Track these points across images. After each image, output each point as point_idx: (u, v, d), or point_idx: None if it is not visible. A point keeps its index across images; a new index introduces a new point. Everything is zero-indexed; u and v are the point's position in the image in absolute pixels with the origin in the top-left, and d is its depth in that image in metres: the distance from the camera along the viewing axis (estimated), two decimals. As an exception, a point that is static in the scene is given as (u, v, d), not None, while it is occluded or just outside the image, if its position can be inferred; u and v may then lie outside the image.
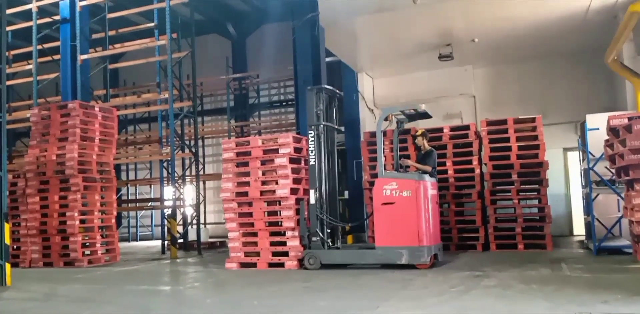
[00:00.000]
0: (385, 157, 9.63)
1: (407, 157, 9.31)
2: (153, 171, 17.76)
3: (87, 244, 9.30)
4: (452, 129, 9.89)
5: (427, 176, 7.22)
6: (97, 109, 9.86)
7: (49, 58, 12.60)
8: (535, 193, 9.27)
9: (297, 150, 8.01)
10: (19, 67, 13.14)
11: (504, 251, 8.86)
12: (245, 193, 7.93)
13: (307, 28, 10.56)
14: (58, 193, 9.18)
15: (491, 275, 6.12)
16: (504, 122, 9.50)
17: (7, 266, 6.78)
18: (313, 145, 7.42)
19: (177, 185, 11.22)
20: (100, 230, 9.53)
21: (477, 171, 9.50)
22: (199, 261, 9.62)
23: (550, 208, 9.08)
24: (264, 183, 7.88)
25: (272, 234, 7.81)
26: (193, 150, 12.00)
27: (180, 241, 11.01)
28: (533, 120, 9.39)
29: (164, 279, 7.30)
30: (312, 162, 7.41)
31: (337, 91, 8.08)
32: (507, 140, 9.37)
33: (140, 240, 17.70)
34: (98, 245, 9.44)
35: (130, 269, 8.49)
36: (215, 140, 17.82)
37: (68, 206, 9.10)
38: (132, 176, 18.34)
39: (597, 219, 8.12)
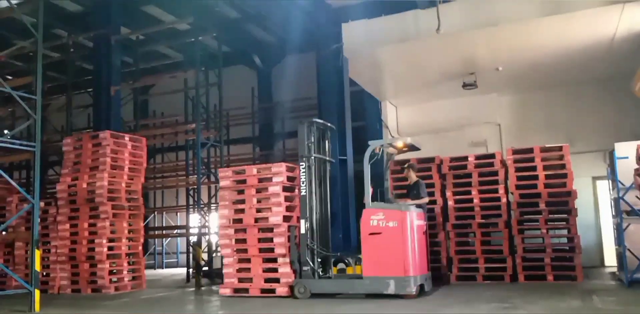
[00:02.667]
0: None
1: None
2: (180, 199, 17.97)
3: (115, 271, 9.41)
4: (478, 157, 9.83)
5: (413, 207, 7.33)
6: (127, 139, 10.13)
7: (82, 90, 13.08)
8: (564, 222, 9.07)
9: (290, 178, 8.19)
10: (55, 99, 13.65)
11: (532, 282, 8.63)
12: (240, 220, 8.09)
13: (331, 58, 10.79)
14: (88, 221, 9.37)
15: (520, 307, 5.96)
16: (531, 150, 9.40)
17: (37, 292, 6.91)
18: (304, 176, 7.60)
19: (202, 212, 11.34)
20: (127, 257, 9.64)
21: (504, 200, 9.37)
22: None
23: (580, 238, 8.86)
24: (258, 210, 8.04)
25: (265, 260, 7.91)
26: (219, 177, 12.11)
27: (205, 268, 11.05)
28: (560, 148, 9.28)
29: (188, 307, 7.31)
30: (303, 193, 7.60)
31: (329, 124, 8.34)
32: (534, 168, 9.24)
33: (166, 267, 17.77)
34: (125, 272, 9.54)
35: (156, 297, 8.54)
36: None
37: (97, 234, 9.28)
38: (159, 204, 18.58)
39: (629, 250, 7.88)
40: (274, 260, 7.86)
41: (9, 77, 12.79)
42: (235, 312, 6.59)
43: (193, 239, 11.74)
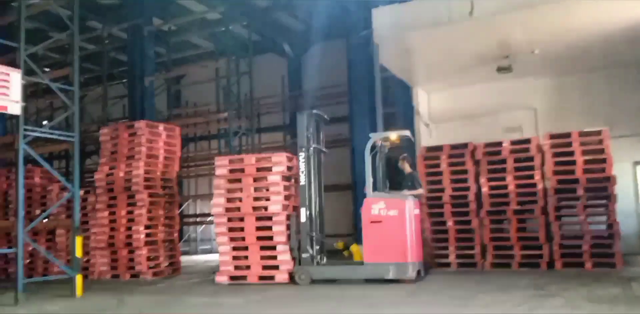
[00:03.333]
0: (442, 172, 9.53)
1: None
2: (212, 186, 18.24)
3: (152, 257, 9.65)
4: (513, 143, 9.62)
5: (410, 197, 7.58)
6: (161, 128, 10.31)
7: (117, 81, 13.35)
8: (603, 209, 8.82)
9: (289, 168, 8.27)
10: (91, 90, 13.98)
11: (570, 270, 8.45)
12: (236, 209, 8.16)
13: (361, 45, 10.70)
14: (125, 208, 9.62)
15: (557, 294, 5.85)
16: (568, 135, 9.14)
17: (78, 277, 7.15)
18: (304, 166, 7.76)
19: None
20: (164, 244, 9.88)
21: (540, 186, 9.16)
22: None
23: (619, 225, 8.60)
24: (255, 199, 8.09)
25: (263, 248, 7.98)
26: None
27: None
28: (599, 132, 8.99)
29: (223, 292, 7.43)
30: (302, 182, 7.75)
31: (324, 115, 8.44)
32: (572, 153, 8.99)
33: (201, 253, 18.13)
34: (162, 258, 9.78)
35: (191, 282, 8.73)
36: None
37: (134, 221, 9.52)
38: (193, 191, 18.92)
39: (672, 236, 7.61)
40: (272, 248, 7.94)
41: (47, 69, 13.13)
42: (268, 297, 6.69)
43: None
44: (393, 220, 7.15)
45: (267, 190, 8.09)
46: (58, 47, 13.10)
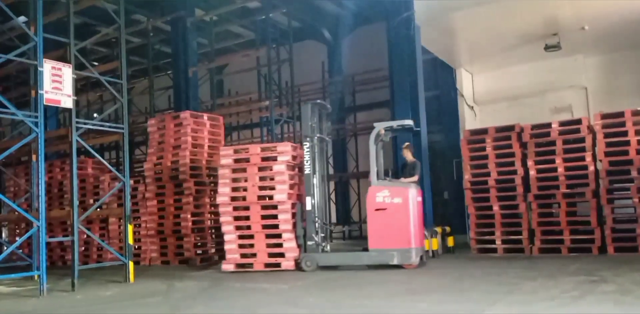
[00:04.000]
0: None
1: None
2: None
3: (199, 244, 9.94)
4: (562, 124, 9.27)
5: (413, 185, 7.76)
6: (205, 118, 10.52)
7: (162, 72, 13.66)
8: (660, 191, 8.41)
9: (294, 157, 8.32)
10: (137, 82, 14.38)
11: (623, 255, 8.14)
12: (241, 198, 8.23)
13: (402, 27, 10.50)
14: (173, 197, 9.92)
15: (609, 280, 5.66)
16: (621, 114, 8.72)
17: (131, 264, 7.46)
18: (308, 155, 7.87)
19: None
20: (210, 231, 10.14)
21: (591, 168, 8.82)
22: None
23: (679, 208, 8.20)
24: (261, 188, 8.17)
25: (268, 236, 8.08)
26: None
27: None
28: (654, 111, 8.54)
29: (268, 278, 7.59)
30: (307, 171, 7.86)
31: (328, 105, 8.60)
32: (625, 134, 8.59)
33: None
34: (209, 245, 10.05)
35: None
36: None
37: (182, 209, 9.81)
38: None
39: None
40: (278, 236, 8.03)
41: (96, 63, 13.60)
42: (311, 282, 6.78)
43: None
44: (397, 207, 7.33)
45: (272, 179, 8.21)
46: (105, 41, 13.51)
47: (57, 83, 6.85)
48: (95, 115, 14.82)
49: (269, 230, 8.10)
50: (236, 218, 8.29)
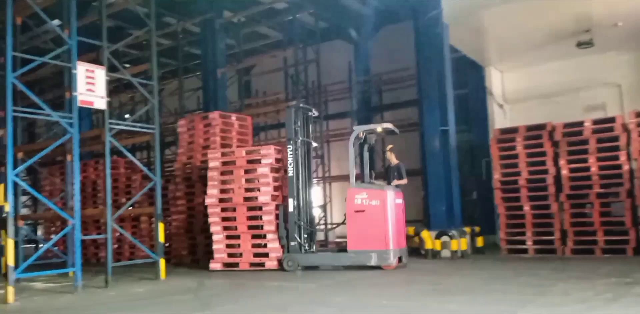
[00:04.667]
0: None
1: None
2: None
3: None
4: (595, 122, 9.08)
5: (392, 187, 7.90)
6: (234, 118, 10.64)
7: (191, 74, 13.86)
8: (699, 191, 8.13)
9: (278, 160, 8.52)
10: (167, 84, 14.63)
11: (661, 257, 7.91)
12: (229, 199, 8.44)
13: (430, 26, 10.42)
14: (202, 196, 10.03)
15: (645, 283, 5.51)
16: (657, 112, 8.48)
17: (162, 261, 7.61)
18: (292, 158, 8.02)
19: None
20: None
21: (626, 167, 8.60)
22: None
23: None
24: (247, 190, 8.40)
25: (253, 237, 8.30)
26: (319, 153, 12.38)
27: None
28: (693, 108, 8.27)
29: (295, 277, 7.63)
30: (290, 173, 8.01)
31: (312, 108, 8.69)
32: (662, 132, 8.35)
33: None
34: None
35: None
36: (340, 142, 18.16)
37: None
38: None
39: None
40: (263, 236, 8.26)
41: (127, 65, 13.89)
42: (338, 281, 6.79)
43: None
44: (375, 210, 7.44)
45: (258, 181, 8.40)
46: (136, 43, 13.78)
47: (91, 85, 7.03)
48: (126, 115, 15.12)
49: (254, 231, 8.35)
50: (224, 219, 8.54)
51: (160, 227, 7.78)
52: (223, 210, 8.54)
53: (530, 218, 9.13)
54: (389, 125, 8.19)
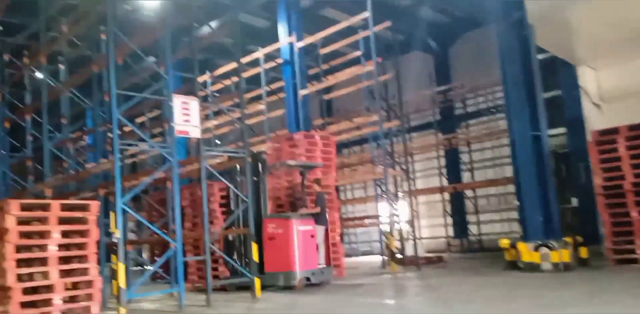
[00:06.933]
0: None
1: None
2: (367, 189, 18.60)
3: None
4: None
5: (298, 216, 8.65)
6: (317, 138, 10.86)
7: (275, 97, 14.38)
8: None
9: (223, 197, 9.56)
10: (253, 108, 15.26)
11: None
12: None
13: (514, 29, 10.08)
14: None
15: None
16: None
17: (257, 280, 7.85)
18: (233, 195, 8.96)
19: (390, 201, 11.61)
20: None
21: None
22: (418, 275, 9.74)
23: None
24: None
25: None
26: (403, 167, 12.31)
27: (399, 256, 11.34)
28: None
29: (389, 293, 7.58)
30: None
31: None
32: None
33: (362, 255, 18.51)
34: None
35: (356, 283, 9.02)
36: (424, 155, 17.94)
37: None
38: (349, 195, 19.49)
39: None
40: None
41: (216, 94, 14.70)
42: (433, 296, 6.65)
43: (384, 227, 12.06)
44: (282, 237, 8.40)
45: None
46: (223, 72, 14.59)
47: (186, 115, 7.52)
48: (217, 141, 15.90)
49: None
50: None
51: (254, 247, 8.06)
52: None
53: (639, 225, 8.42)
54: (318, 164, 9.47)
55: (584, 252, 9.14)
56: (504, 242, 9.18)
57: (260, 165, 8.91)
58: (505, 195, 16.47)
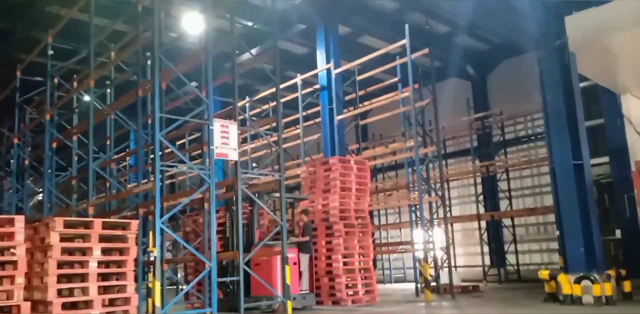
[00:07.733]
0: None
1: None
2: (402, 215, 18.39)
3: (350, 285, 10.08)
4: None
5: (279, 244, 8.63)
6: (352, 162, 10.92)
7: (311, 122, 14.56)
8: None
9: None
10: (289, 132, 15.48)
11: None
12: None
13: (555, 56, 10.00)
14: (324, 239, 10.30)
15: None
16: None
17: (289, 303, 7.85)
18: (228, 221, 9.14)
19: (425, 228, 11.45)
20: (360, 272, 10.26)
21: None
22: (453, 304, 9.50)
23: None
24: None
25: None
26: (439, 193, 12.17)
27: (433, 284, 11.10)
28: None
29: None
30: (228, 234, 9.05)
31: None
32: None
33: (394, 282, 18.18)
34: (359, 286, 10.15)
35: (390, 310, 8.87)
36: (460, 182, 17.69)
37: (333, 250, 10.12)
38: (383, 221, 19.29)
39: None
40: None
41: (254, 118, 15.00)
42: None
43: (419, 254, 11.85)
44: (266, 263, 8.98)
45: None
46: (262, 97, 14.92)
47: (225, 139, 7.73)
48: (254, 164, 16.15)
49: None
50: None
51: (287, 269, 8.08)
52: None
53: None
54: (278, 194, 9.33)
55: (627, 286, 8.76)
56: (544, 273, 8.89)
57: (255, 195, 8.95)
58: (545, 224, 16.02)
